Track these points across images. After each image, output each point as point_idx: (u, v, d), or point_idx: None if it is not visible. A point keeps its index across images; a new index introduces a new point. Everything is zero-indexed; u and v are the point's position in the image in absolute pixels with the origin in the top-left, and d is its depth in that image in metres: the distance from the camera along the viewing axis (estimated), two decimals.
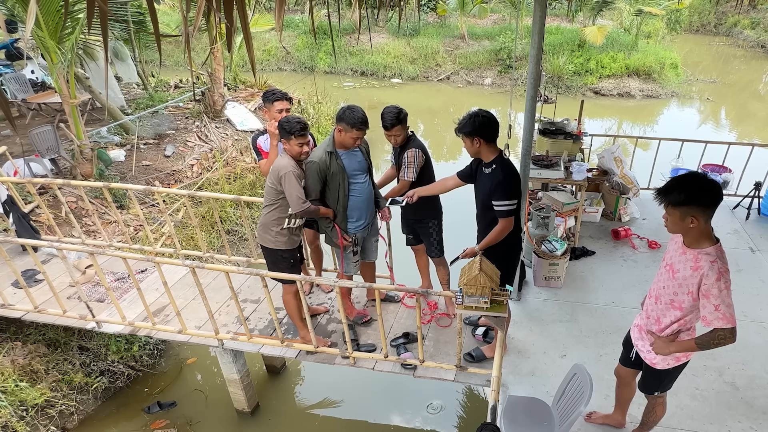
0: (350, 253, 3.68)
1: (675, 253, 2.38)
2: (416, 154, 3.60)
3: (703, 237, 2.25)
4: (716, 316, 2.20)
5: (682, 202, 2.18)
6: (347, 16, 14.04)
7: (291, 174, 3.22)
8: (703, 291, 2.23)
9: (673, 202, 2.21)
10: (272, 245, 3.48)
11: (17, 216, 4.79)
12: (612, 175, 5.37)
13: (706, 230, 2.24)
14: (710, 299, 2.20)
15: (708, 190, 2.17)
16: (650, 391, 2.76)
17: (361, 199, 3.55)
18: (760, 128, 11.92)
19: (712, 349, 2.30)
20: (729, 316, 2.19)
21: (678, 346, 2.44)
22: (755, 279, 4.56)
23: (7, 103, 5.51)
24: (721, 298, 2.18)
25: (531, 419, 2.95)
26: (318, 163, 3.33)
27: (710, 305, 2.21)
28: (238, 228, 6.71)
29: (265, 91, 3.83)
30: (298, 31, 17.29)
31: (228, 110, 9.30)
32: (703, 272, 2.21)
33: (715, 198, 2.18)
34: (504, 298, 3.02)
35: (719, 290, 2.18)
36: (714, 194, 2.17)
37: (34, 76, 8.98)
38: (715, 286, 2.18)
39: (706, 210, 2.18)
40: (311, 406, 4.72)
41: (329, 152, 3.35)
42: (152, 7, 1.71)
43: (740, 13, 20.53)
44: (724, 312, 2.19)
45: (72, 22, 5.71)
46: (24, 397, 4.03)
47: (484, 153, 3.10)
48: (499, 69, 15.17)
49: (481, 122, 3.00)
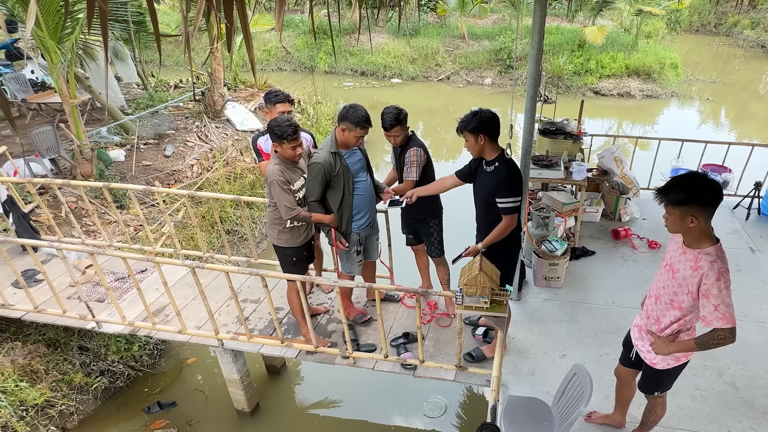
0: (354, 254, 3.68)
1: (675, 253, 2.38)
2: (418, 153, 3.61)
3: (703, 237, 2.25)
4: (716, 316, 2.20)
5: (682, 202, 2.18)
6: (347, 16, 14.04)
7: (276, 183, 3.23)
8: (702, 291, 2.22)
9: (673, 201, 2.20)
10: (277, 242, 3.56)
11: (17, 216, 4.79)
12: (612, 175, 5.37)
13: (707, 230, 2.24)
14: (710, 299, 2.20)
15: (708, 190, 2.17)
16: (650, 391, 2.76)
17: (364, 197, 3.58)
18: (760, 128, 11.92)
19: (712, 349, 2.30)
20: (729, 316, 2.19)
21: (678, 347, 2.44)
22: (755, 279, 4.56)
23: (7, 103, 5.49)
24: (720, 298, 2.18)
25: (531, 419, 2.95)
26: (323, 164, 3.31)
27: (710, 305, 2.21)
28: (238, 228, 6.70)
29: (267, 92, 3.81)
30: (298, 31, 17.28)
31: (228, 110, 9.30)
32: (702, 272, 2.21)
33: (715, 198, 2.17)
34: (504, 298, 3.02)
35: (719, 290, 2.17)
36: (714, 194, 2.17)
37: (34, 76, 8.98)
38: (715, 286, 2.17)
39: (706, 210, 2.18)
40: (311, 406, 4.71)
41: (333, 153, 3.34)
42: (152, 7, 1.71)
43: (740, 13, 20.53)
44: (723, 312, 2.18)
45: (72, 22, 5.71)
46: (24, 397, 4.03)
47: (487, 151, 3.10)
48: (499, 69, 15.16)
49: (487, 118, 3.00)
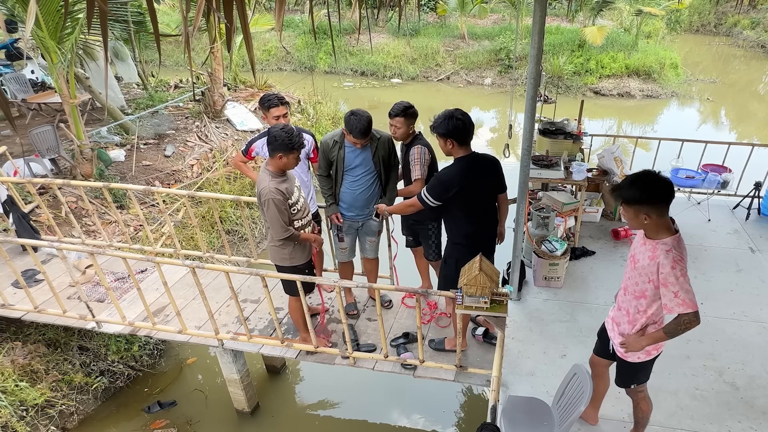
0: (336, 237, 3.91)
1: (638, 244, 2.48)
2: (422, 151, 3.60)
3: (661, 229, 2.34)
4: (677, 302, 2.28)
5: (635, 200, 2.29)
6: (347, 16, 14.04)
7: (271, 202, 3.07)
8: (661, 280, 2.31)
9: (626, 200, 2.32)
10: (290, 263, 3.36)
11: (17, 216, 4.78)
12: (612, 175, 5.36)
13: (664, 223, 2.33)
14: (669, 287, 2.29)
15: (659, 189, 2.27)
16: (626, 384, 2.80)
17: (350, 194, 3.66)
18: (760, 128, 11.92)
19: (681, 334, 2.37)
20: (689, 301, 2.26)
21: (648, 340, 2.50)
22: (755, 279, 4.56)
23: (7, 103, 5.51)
24: (679, 284, 2.26)
25: (531, 419, 2.95)
26: (323, 144, 3.65)
27: (670, 293, 2.29)
28: (238, 228, 6.71)
29: (260, 98, 3.85)
30: (298, 31, 17.28)
31: (228, 110, 9.30)
32: (659, 261, 2.30)
33: (666, 196, 2.27)
34: (504, 298, 3.02)
35: (676, 278, 2.26)
36: (665, 192, 2.27)
37: (34, 76, 8.98)
38: (672, 274, 2.26)
39: (659, 207, 2.28)
40: (311, 406, 4.71)
41: (335, 141, 3.58)
42: (152, 7, 1.71)
43: (740, 13, 20.52)
44: (683, 297, 2.26)
45: (72, 22, 5.71)
46: (24, 397, 4.03)
47: (456, 153, 3.16)
48: (499, 69, 15.16)
49: (455, 125, 3.04)
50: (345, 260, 4.10)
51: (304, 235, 3.33)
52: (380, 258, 4.16)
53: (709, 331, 3.94)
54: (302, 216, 3.33)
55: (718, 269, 4.70)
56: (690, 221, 5.47)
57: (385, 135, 3.69)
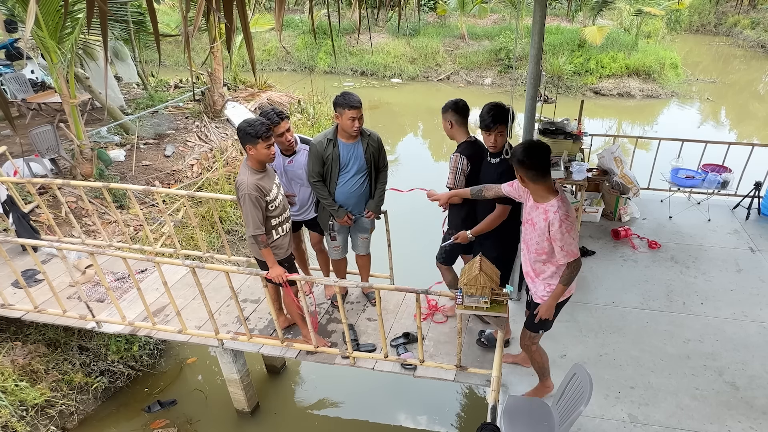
0: (328, 236, 3.93)
1: (531, 209, 2.81)
2: (459, 159, 3.35)
3: (547, 192, 2.68)
4: (563, 255, 2.66)
5: (517, 165, 2.66)
6: (347, 16, 14.04)
7: (248, 197, 3.09)
8: (552, 237, 2.66)
9: (514, 164, 2.70)
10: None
11: (17, 216, 4.78)
12: (612, 175, 5.37)
13: (546, 186, 2.67)
14: (556, 243, 2.65)
15: (530, 157, 2.60)
16: (536, 329, 3.07)
17: (342, 192, 3.68)
18: (760, 128, 11.92)
19: (573, 280, 2.77)
20: (572, 251, 2.65)
21: (553, 299, 2.85)
22: (755, 279, 4.56)
23: (7, 103, 5.52)
24: (564, 240, 2.62)
25: (531, 419, 2.95)
26: (316, 146, 3.60)
27: (557, 248, 2.67)
28: (238, 228, 6.70)
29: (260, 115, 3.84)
30: (298, 31, 17.28)
31: (228, 110, 9.30)
32: (549, 221, 2.64)
33: (535, 163, 2.59)
34: (504, 298, 3.02)
35: (562, 234, 2.62)
36: (535, 160, 2.59)
37: (34, 76, 8.98)
38: (559, 231, 2.61)
39: (532, 172, 2.62)
40: (311, 406, 4.71)
41: (329, 139, 3.60)
42: (152, 7, 1.72)
43: (740, 13, 20.52)
44: (567, 249, 2.64)
45: (72, 22, 5.71)
46: (24, 397, 4.03)
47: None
48: (499, 69, 15.16)
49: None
50: (338, 258, 4.10)
51: (269, 258, 3.27)
52: (380, 258, 4.17)
53: (709, 331, 3.95)
54: (279, 213, 3.33)
55: (718, 269, 4.71)
56: (690, 221, 5.47)
57: (375, 134, 3.74)
